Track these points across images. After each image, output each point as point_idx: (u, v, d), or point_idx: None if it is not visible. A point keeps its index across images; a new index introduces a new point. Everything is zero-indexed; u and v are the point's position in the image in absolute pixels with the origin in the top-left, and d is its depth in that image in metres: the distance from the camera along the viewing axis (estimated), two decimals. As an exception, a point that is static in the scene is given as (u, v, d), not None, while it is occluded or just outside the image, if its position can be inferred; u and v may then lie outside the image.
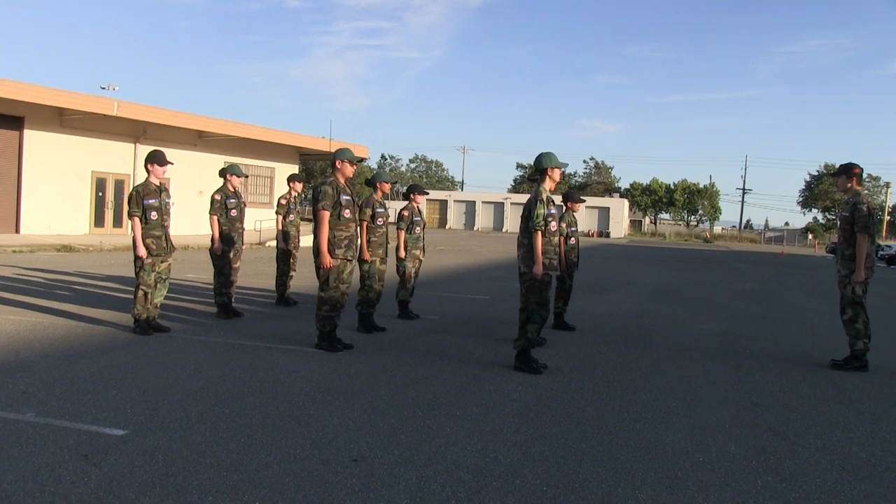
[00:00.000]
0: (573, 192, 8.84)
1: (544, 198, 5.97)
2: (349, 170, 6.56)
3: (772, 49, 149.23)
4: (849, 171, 6.66)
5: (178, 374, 5.43)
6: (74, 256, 16.24)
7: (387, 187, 8.20)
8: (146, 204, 6.91)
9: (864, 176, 6.56)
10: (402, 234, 8.58)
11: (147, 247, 6.90)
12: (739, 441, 4.45)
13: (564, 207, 8.53)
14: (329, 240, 6.35)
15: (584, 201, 8.95)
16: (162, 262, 7.09)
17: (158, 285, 7.10)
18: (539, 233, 5.87)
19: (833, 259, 6.89)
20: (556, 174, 6.08)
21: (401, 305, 8.80)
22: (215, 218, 8.27)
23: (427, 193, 9.51)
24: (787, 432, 4.69)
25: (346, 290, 6.54)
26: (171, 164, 7.24)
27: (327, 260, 6.29)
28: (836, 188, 6.59)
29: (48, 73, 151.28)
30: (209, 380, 5.32)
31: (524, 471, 3.75)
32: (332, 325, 6.52)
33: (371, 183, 8.17)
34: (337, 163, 6.54)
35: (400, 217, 8.61)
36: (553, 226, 6.02)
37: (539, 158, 6.12)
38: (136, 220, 6.88)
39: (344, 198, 6.44)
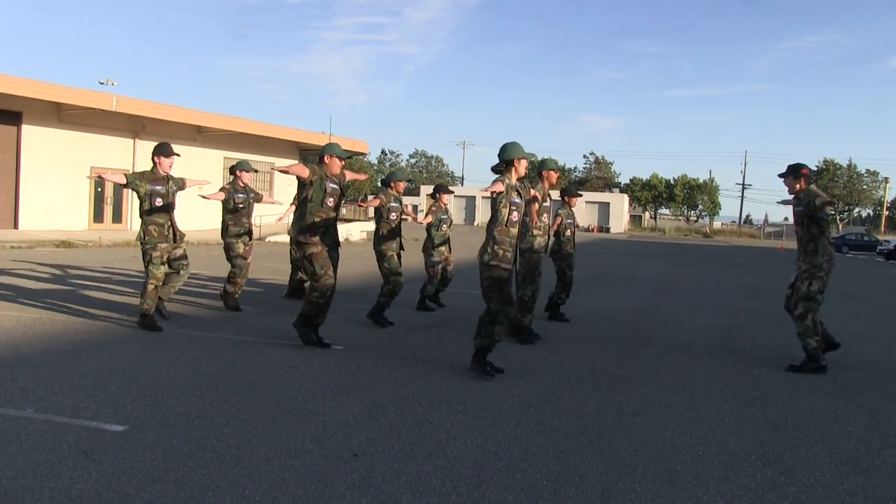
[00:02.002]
0: (570, 187, 9.06)
1: (507, 182, 5.62)
2: (337, 165, 6.48)
3: (771, 45, 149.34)
4: (797, 171, 6.62)
5: (178, 370, 5.43)
6: (73, 252, 16.22)
7: (401, 186, 8.31)
8: (152, 189, 6.96)
9: (813, 178, 6.55)
10: (429, 218, 8.86)
11: (149, 233, 6.93)
12: (739, 435, 4.45)
13: (562, 202, 8.73)
14: (308, 225, 6.29)
15: (580, 195, 9.28)
16: (174, 249, 7.15)
17: (182, 272, 7.31)
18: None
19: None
20: (522, 166, 5.74)
21: (422, 299, 9.14)
22: (223, 193, 8.41)
23: (452, 192, 9.86)
24: (786, 426, 4.70)
25: (334, 284, 6.45)
26: (178, 155, 7.27)
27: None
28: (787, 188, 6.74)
29: (46, 67, 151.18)
30: (209, 375, 5.32)
31: (524, 465, 3.76)
32: (317, 312, 6.39)
33: (386, 183, 8.25)
34: (326, 157, 6.45)
35: (429, 211, 8.98)
36: (514, 216, 5.68)
37: (504, 149, 5.75)
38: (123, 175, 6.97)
39: (330, 185, 6.37)
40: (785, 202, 7.20)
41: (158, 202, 6.97)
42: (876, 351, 7.77)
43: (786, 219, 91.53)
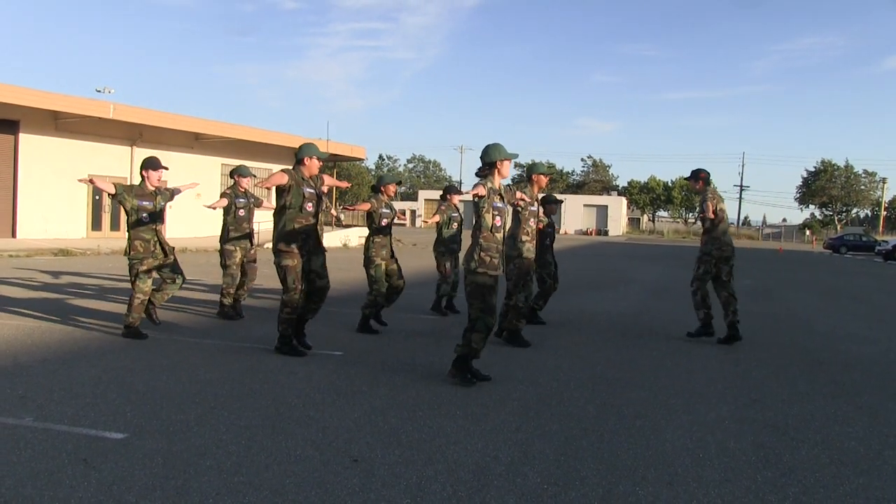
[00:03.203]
0: (550, 196, 9.14)
1: (489, 186, 5.53)
2: (316, 166, 6.42)
3: (767, 47, 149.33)
4: (696, 175, 7.91)
5: (178, 377, 5.43)
6: (72, 260, 16.22)
7: (392, 189, 8.24)
8: (140, 204, 6.88)
9: (711, 179, 8.00)
10: (437, 217, 9.08)
11: (135, 248, 6.87)
12: (739, 437, 4.45)
13: (542, 211, 8.74)
14: (289, 232, 6.20)
15: (561, 202, 9.41)
16: (165, 260, 7.04)
17: (177, 280, 7.17)
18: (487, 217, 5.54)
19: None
20: (505, 167, 5.60)
21: (438, 300, 9.32)
22: (225, 199, 8.42)
23: (462, 193, 9.93)
24: (786, 427, 4.70)
25: (327, 285, 6.46)
26: (166, 168, 7.22)
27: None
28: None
29: (43, 76, 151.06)
30: (208, 382, 5.31)
31: (525, 469, 3.76)
32: (293, 328, 6.38)
33: (376, 188, 8.22)
34: (305, 159, 6.35)
35: (437, 210, 9.18)
36: (497, 221, 5.57)
37: (486, 151, 5.59)
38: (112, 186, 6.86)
39: (307, 191, 6.28)
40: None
41: (145, 218, 6.90)
42: (875, 351, 7.78)
43: (784, 220, 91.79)
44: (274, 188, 6.22)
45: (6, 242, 19.35)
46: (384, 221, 7.92)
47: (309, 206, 6.29)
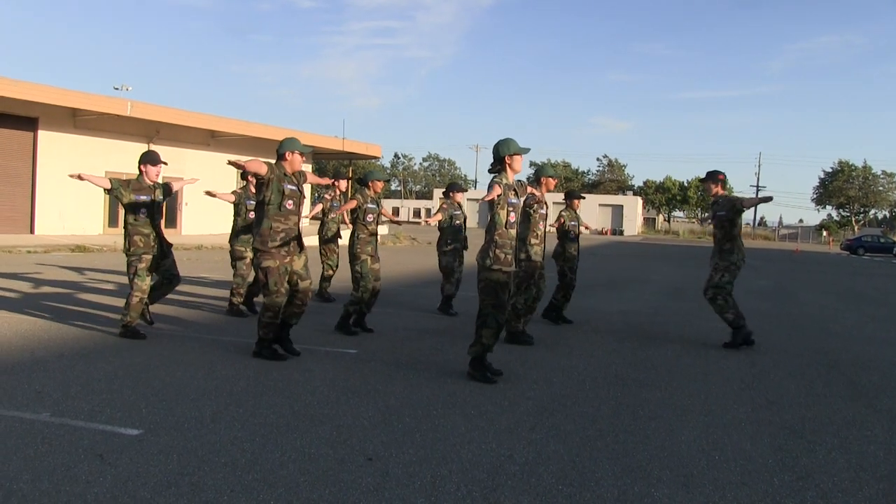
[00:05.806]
0: (574, 189, 9.15)
1: (503, 183, 5.48)
2: (298, 161, 6.24)
3: (783, 46, 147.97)
4: (714, 177, 7.78)
5: (193, 374, 5.45)
6: (89, 256, 16.34)
7: (379, 186, 8.05)
8: (136, 199, 6.79)
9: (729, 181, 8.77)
10: (438, 216, 8.99)
11: (134, 244, 6.82)
12: (755, 439, 4.41)
13: (566, 205, 8.81)
14: (265, 231, 5.99)
15: (583, 198, 9.41)
16: (163, 258, 6.97)
17: (174, 281, 7.14)
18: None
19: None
20: (517, 162, 5.52)
21: (445, 300, 9.20)
22: (233, 196, 8.49)
23: (465, 190, 9.96)
24: (803, 430, 4.66)
25: (309, 286, 6.26)
26: (165, 163, 7.11)
27: None
28: (706, 192, 8.13)
29: (62, 74, 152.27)
30: (223, 379, 5.33)
31: (539, 469, 3.74)
32: (275, 332, 6.15)
33: (363, 182, 8.02)
34: (287, 154, 6.18)
35: (439, 209, 9.12)
36: (512, 217, 5.53)
37: (497, 147, 5.53)
38: (107, 181, 6.87)
39: (288, 187, 6.08)
40: (705, 219, 8.14)
41: (143, 213, 6.82)
42: (893, 354, 7.69)
43: (801, 221, 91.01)
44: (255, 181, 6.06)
45: (24, 238, 19.54)
46: (369, 217, 7.69)
47: (289, 204, 6.06)
